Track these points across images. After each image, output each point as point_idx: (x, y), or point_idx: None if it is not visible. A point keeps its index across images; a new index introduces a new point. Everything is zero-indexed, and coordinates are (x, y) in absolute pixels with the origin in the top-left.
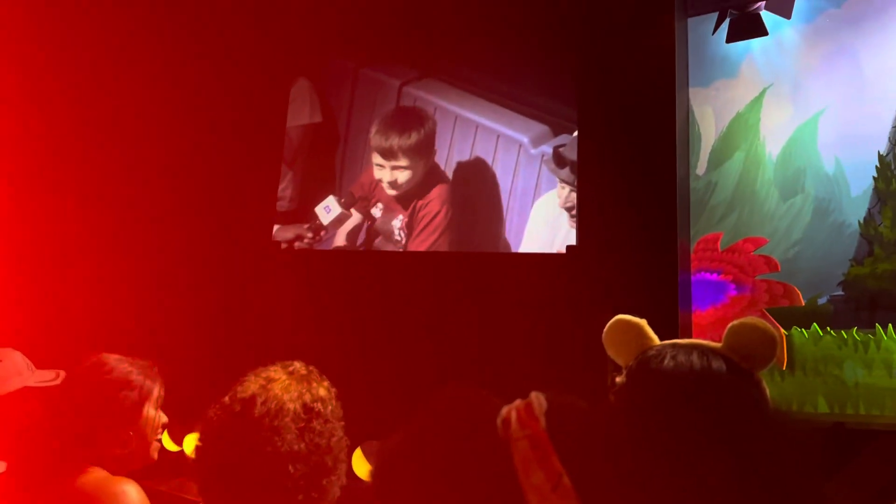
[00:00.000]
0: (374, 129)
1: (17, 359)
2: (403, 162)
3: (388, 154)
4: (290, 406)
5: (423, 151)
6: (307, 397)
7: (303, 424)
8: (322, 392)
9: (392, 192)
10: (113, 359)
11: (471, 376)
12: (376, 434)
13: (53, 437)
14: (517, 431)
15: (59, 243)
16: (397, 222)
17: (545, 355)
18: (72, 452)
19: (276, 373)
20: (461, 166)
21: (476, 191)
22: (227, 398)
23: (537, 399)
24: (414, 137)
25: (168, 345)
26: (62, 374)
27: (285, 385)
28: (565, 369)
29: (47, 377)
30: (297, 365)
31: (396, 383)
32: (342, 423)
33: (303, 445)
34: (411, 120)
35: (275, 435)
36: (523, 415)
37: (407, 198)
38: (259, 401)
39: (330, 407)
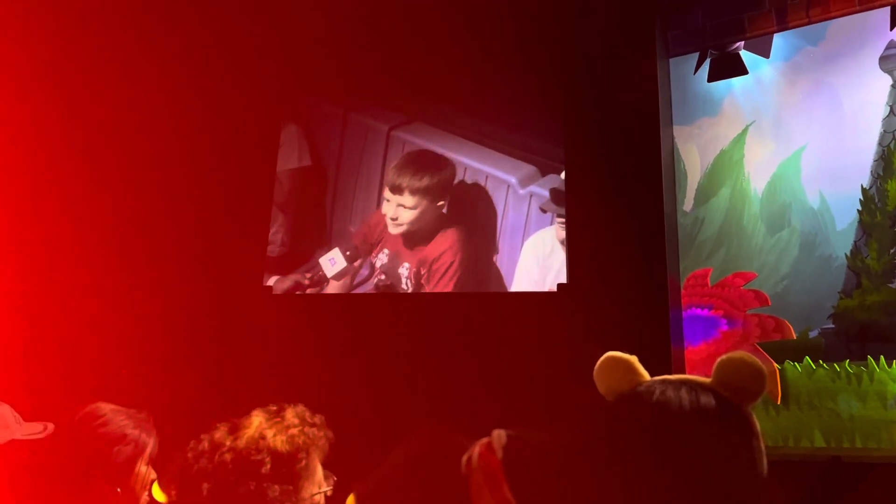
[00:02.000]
0: (393, 164)
1: (3, 411)
2: (408, 201)
3: (395, 189)
4: (256, 454)
5: (430, 195)
6: (278, 443)
7: (270, 471)
8: (283, 446)
9: (394, 230)
10: (109, 409)
11: (463, 414)
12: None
13: (38, 493)
14: (475, 464)
15: (47, 292)
16: (404, 270)
17: (538, 394)
18: None
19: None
20: (458, 208)
21: (472, 232)
22: (193, 443)
23: (498, 435)
24: (425, 181)
25: (158, 392)
26: (50, 426)
27: (252, 434)
28: (559, 407)
29: (35, 430)
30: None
31: (388, 423)
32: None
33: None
34: (427, 164)
35: (249, 478)
36: (483, 450)
37: (412, 242)
38: (223, 448)
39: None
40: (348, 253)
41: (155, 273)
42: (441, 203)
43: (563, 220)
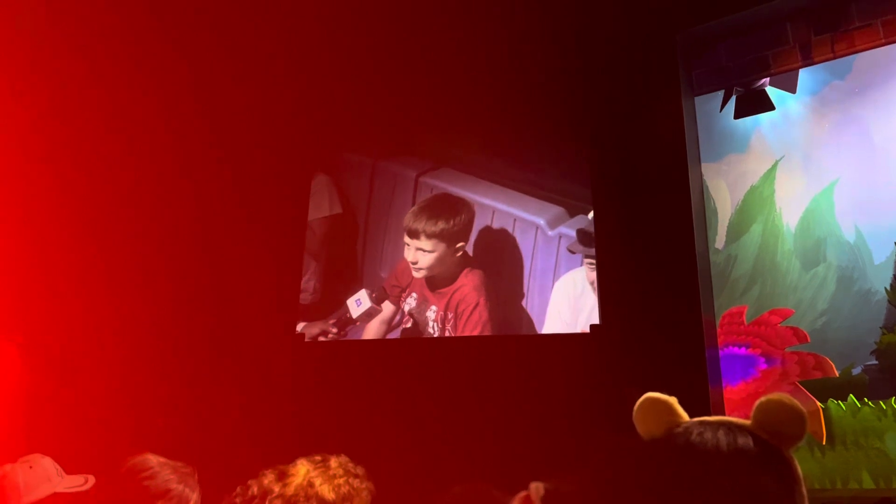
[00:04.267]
0: (412, 209)
1: (46, 464)
2: (426, 245)
3: (412, 234)
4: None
5: (447, 239)
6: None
7: None
8: (329, 494)
9: (416, 274)
10: (156, 462)
11: (499, 461)
12: None
13: None
14: None
15: (85, 345)
16: (431, 314)
17: (574, 438)
18: None
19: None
20: (484, 251)
21: (499, 273)
22: (240, 488)
23: (535, 488)
24: (440, 225)
25: (194, 441)
26: (91, 479)
27: (300, 481)
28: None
29: (76, 483)
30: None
31: (423, 471)
32: None
33: None
34: (444, 208)
35: None
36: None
37: (434, 285)
38: (272, 494)
39: None
40: (374, 294)
41: (191, 324)
42: (460, 245)
43: (592, 260)
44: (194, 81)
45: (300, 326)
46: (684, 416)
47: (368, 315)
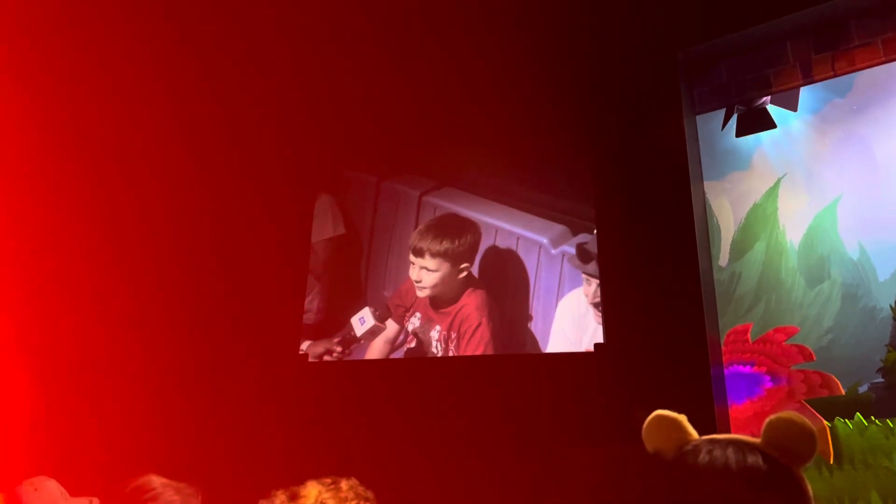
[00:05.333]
0: (418, 228)
1: (51, 487)
2: (430, 264)
3: (417, 252)
4: None
5: (452, 259)
6: None
7: None
8: None
9: (420, 293)
10: (159, 483)
11: (505, 479)
12: None
13: None
14: None
15: (91, 369)
16: (435, 333)
17: (579, 455)
18: None
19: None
20: (488, 270)
21: (503, 293)
22: None
23: None
24: (445, 244)
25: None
26: (96, 501)
27: (312, 503)
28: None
29: None
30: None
31: (430, 493)
32: None
33: None
34: (450, 228)
35: None
36: None
37: (438, 304)
38: None
39: None
40: (378, 312)
41: (196, 345)
42: (464, 266)
43: (589, 277)
44: (197, 103)
45: (304, 346)
46: (693, 433)
47: (372, 333)
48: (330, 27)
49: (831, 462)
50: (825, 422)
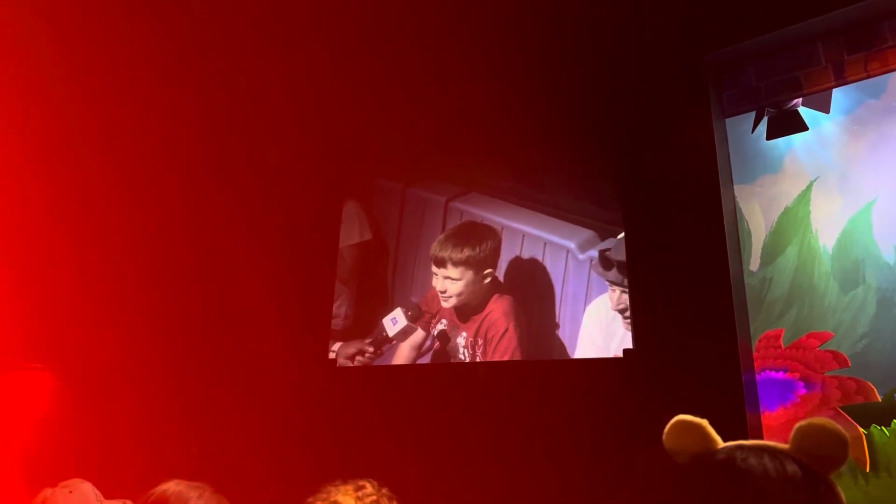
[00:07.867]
0: (437, 239)
1: (85, 489)
2: (453, 273)
3: (439, 262)
4: None
5: (474, 266)
6: None
7: None
8: None
9: (445, 304)
10: (184, 485)
11: (533, 486)
12: None
13: None
14: None
15: (124, 373)
16: (461, 340)
17: (609, 461)
18: None
19: (345, 495)
20: (514, 276)
21: (530, 299)
22: None
23: None
24: (466, 252)
25: (230, 468)
26: (129, 503)
27: None
28: (635, 475)
29: None
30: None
31: (456, 498)
32: None
33: None
34: (469, 236)
35: None
36: None
37: (464, 314)
38: None
39: None
40: (410, 313)
41: (228, 352)
42: (488, 272)
43: (612, 284)
44: (225, 112)
45: (335, 347)
46: (717, 438)
47: (405, 333)
48: (356, 38)
49: (867, 470)
50: (861, 429)
